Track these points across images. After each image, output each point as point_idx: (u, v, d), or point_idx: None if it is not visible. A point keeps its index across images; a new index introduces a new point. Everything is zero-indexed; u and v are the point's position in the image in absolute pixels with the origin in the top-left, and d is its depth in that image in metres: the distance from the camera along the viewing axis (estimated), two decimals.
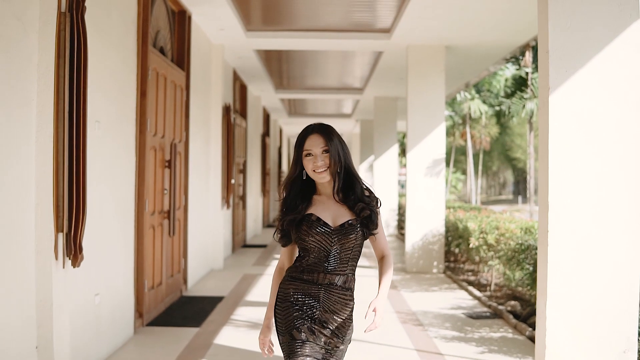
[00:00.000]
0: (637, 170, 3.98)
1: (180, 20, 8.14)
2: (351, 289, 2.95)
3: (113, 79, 5.47)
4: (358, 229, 2.91)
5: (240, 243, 13.62)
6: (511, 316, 6.87)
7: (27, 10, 3.86)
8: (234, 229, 12.63)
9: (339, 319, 2.90)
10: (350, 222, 2.91)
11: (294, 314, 2.88)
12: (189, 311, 7.24)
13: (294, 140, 33.43)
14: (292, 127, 26.34)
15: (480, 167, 37.29)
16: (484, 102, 28.73)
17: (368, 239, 3.00)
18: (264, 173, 17.89)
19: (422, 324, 6.70)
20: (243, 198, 14.08)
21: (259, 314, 7.05)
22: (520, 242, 7.04)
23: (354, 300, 2.97)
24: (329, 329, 2.89)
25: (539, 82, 4.19)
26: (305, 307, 2.88)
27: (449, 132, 32.22)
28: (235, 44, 10.29)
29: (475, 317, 7.08)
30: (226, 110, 10.84)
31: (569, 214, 3.98)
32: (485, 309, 7.49)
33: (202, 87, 9.38)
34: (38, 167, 3.95)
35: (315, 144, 2.91)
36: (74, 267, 4.17)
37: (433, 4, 8.09)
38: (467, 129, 28.57)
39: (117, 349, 5.60)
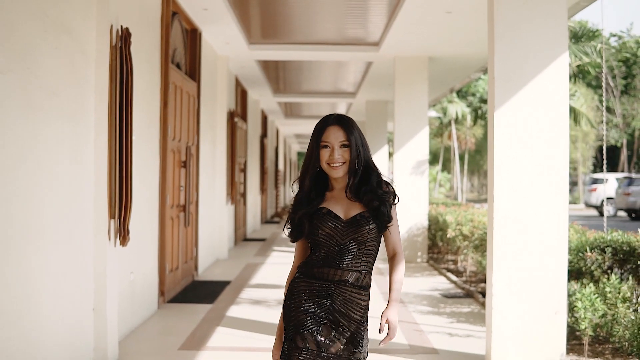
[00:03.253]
0: (562, 169, 5.11)
1: (193, 37, 9.23)
2: (365, 288, 2.76)
3: (143, 92, 6.54)
4: (371, 221, 2.73)
5: (241, 237, 14.70)
6: (480, 296, 7.97)
7: (88, 44, 4.94)
8: (236, 224, 13.72)
9: (352, 323, 2.72)
10: (362, 214, 2.74)
11: (301, 317, 2.72)
12: (201, 292, 8.32)
13: (290, 141, 34.64)
14: (289, 128, 27.43)
15: (465, 167, 38.65)
16: (468, 105, 30.06)
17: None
18: (263, 172, 18.97)
19: (403, 302, 7.81)
20: (244, 195, 15.17)
21: (263, 295, 8.15)
22: (486, 231, 8.14)
23: (369, 301, 2.79)
24: (343, 335, 2.71)
25: (488, 101, 5.31)
26: (315, 309, 2.72)
27: (438, 133, 33.54)
28: (239, 55, 11.37)
29: (449, 296, 8.20)
30: (230, 115, 11.93)
31: (509, 203, 5.10)
32: (459, 291, 8.61)
33: (210, 94, 10.46)
34: (95, 167, 5.03)
35: (334, 137, 2.76)
36: (122, 246, 5.27)
37: (416, 22, 9.17)
38: (453, 130, 29.77)
39: (146, 320, 6.69)
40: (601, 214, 30.13)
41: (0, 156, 3.67)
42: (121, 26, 5.22)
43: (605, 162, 7.24)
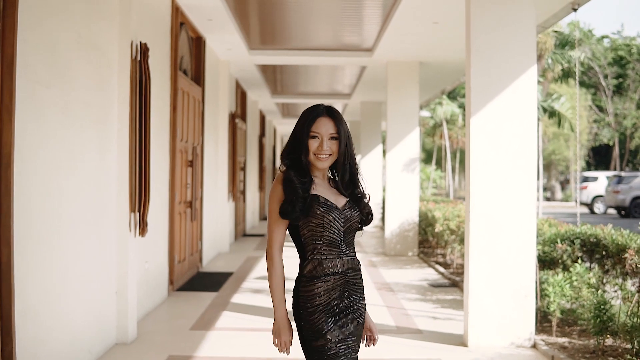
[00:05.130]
0: (530, 170, 5.78)
1: (197, 45, 9.88)
2: (361, 269, 2.87)
3: (156, 98, 7.16)
4: (356, 208, 2.81)
5: (241, 232, 15.36)
6: None
7: (112, 59, 5.59)
8: (236, 219, 14.38)
9: (359, 303, 2.82)
10: (349, 201, 2.79)
11: (326, 317, 2.72)
12: (206, 282, 8.98)
13: (287, 139, 35.25)
14: (286, 127, 28.10)
15: (457, 165, 39.43)
16: (459, 106, 30.87)
17: None
18: (261, 170, 19.64)
19: (393, 290, 8.48)
20: (243, 193, 15.83)
21: (263, 284, 8.81)
22: None
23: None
24: (355, 315, 2.80)
25: (465, 108, 5.98)
26: (335, 304, 2.74)
27: (430, 133, 34.33)
28: (240, 60, 12.02)
29: (436, 286, 8.88)
30: (231, 116, 12.60)
31: (484, 200, 5.77)
32: (445, 281, 9.28)
33: (213, 97, 11.11)
34: (118, 166, 5.67)
35: (324, 128, 2.73)
36: (141, 237, 5.93)
37: (407, 31, 9.83)
38: (445, 130, 30.53)
39: (158, 305, 7.35)
40: (592, 212, 30.88)
41: (44, 160, 4.31)
42: (140, 42, 5.88)
43: (578, 162, 7.91)
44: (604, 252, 6.40)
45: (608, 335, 5.60)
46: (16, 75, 3.80)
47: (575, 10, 7.98)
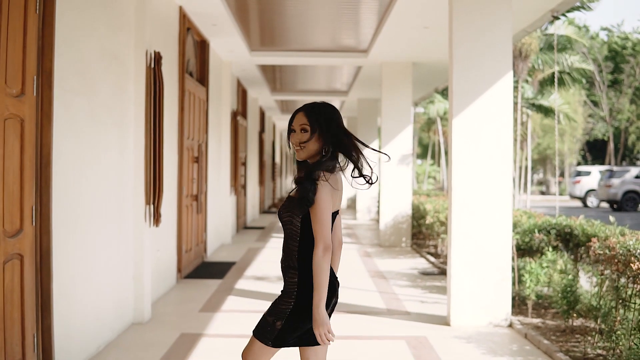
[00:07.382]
0: (506, 165, 6.40)
1: (202, 48, 10.48)
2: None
3: (165, 100, 7.77)
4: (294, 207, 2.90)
5: (242, 225, 15.99)
6: None
7: (129, 67, 6.20)
8: (238, 213, 15.00)
9: (282, 291, 3.09)
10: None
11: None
12: (211, 270, 9.60)
13: (286, 134, 35.84)
14: (284, 123, 28.69)
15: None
16: None
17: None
18: (261, 165, 20.25)
19: (386, 278, 9.12)
20: (244, 187, 16.45)
21: (265, 273, 9.43)
22: None
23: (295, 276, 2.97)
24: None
25: (448, 111, 6.59)
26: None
27: (425, 129, 35.00)
28: (241, 60, 12.63)
29: (426, 274, 9.51)
30: (233, 114, 13.20)
31: (465, 194, 6.39)
32: (435, 269, 9.92)
33: (216, 97, 11.72)
34: (134, 163, 6.29)
35: (296, 121, 2.87)
36: (156, 227, 6.55)
37: (399, 35, 10.42)
38: (439, 127, 31.15)
39: (168, 291, 7.98)
40: (585, 205, 31.51)
41: (75, 158, 4.92)
42: (154, 51, 6.48)
43: (556, 157, 8.49)
44: (576, 241, 7.02)
45: (575, 315, 6.22)
46: (54, 86, 4.41)
47: (554, 17, 8.59)
